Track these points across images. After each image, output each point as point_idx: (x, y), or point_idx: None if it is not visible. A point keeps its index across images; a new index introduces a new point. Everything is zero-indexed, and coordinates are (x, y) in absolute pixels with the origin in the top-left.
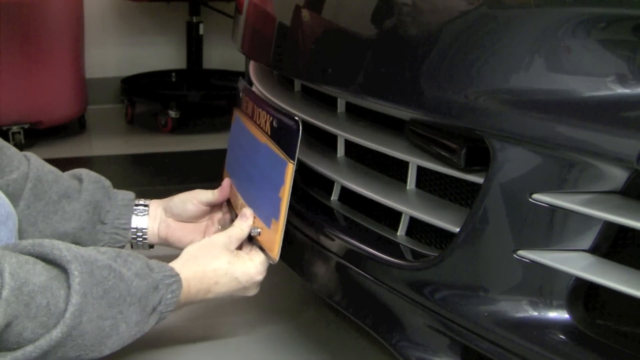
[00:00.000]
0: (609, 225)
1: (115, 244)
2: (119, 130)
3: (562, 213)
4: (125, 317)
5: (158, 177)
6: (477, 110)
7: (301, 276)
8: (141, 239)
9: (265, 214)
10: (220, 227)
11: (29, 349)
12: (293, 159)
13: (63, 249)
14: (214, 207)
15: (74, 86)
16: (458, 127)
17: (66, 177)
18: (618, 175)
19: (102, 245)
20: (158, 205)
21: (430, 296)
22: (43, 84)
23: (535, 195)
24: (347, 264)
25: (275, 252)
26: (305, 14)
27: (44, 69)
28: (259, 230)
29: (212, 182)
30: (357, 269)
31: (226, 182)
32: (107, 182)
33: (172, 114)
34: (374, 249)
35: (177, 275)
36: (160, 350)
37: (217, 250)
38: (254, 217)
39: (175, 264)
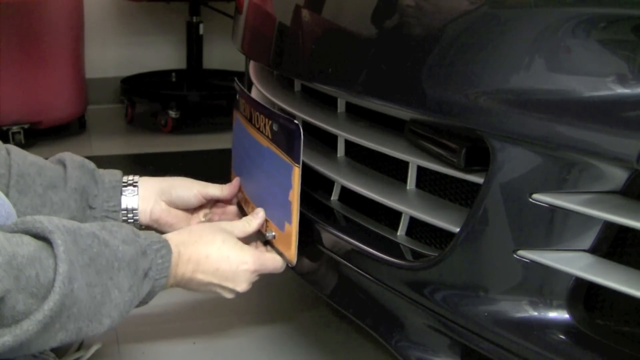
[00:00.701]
0: (609, 225)
1: None
2: (119, 130)
3: (562, 213)
4: (115, 283)
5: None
6: (477, 110)
7: (301, 277)
8: (132, 219)
9: (278, 218)
10: (204, 220)
11: (26, 324)
12: (298, 162)
13: (44, 221)
14: (214, 202)
15: (74, 86)
16: (458, 127)
17: (49, 166)
18: (618, 175)
19: None
20: (152, 185)
21: (430, 296)
22: (43, 83)
23: (535, 195)
24: (347, 264)
25: (293, 255)
26: (305, 14)
27: (44, 69)
28: (274, 233)
29: (212, 182)
30: (357, 269)
31: (236, 180)
32: (92, 165)
33: (172, 114)
34: (374, 249)
35: (165, 240)
36: (160, 350)
37: (216, 228)
38: (267, 221)
39: (167, 235)
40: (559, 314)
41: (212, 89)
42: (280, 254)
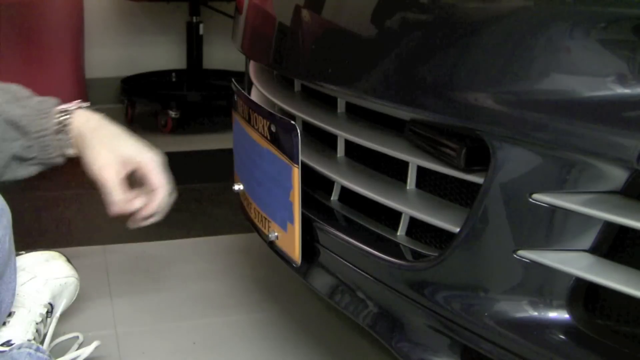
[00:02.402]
0: (609, 225)
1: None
2: None
3: (562, 213)
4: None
5: None
6: (477, 110)
7: (301, 277)
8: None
9: (281, 218)
10: None
11: None
12: (297, 163)
13: None
14: None
15: (73, 86)
16: (458, 127)
17: None
18: (618, 175)
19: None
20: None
21: (431, 296)
22: (43, 83)
23: (535, 195)
24: (347, 264)
25: (297, 255)
26: (305, 13)
27: (44, 69)
28: (277, 234)
29: (212, 182)
30: (357, 269)
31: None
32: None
33: (172, 114)
34: (374, 249)
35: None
36: (161, 350)
37: None
38: (270, 222)
39: None
40: (559, 314)
41: (212, 89)
42: (284, 254)
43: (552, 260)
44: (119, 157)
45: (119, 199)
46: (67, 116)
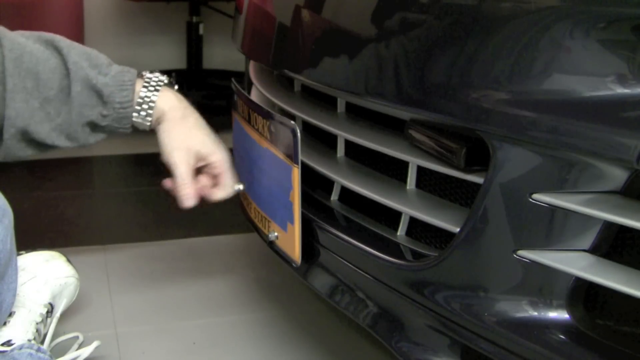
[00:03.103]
0: (609, 225)
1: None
2: None
3: (562, 213)
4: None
5: (158, 177)
6: (477, 110)
7: (301, 277)
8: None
9: (281, 218)
10: None
11: None
12: (297, 162)
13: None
14: None
15: None
16: (458, 127)
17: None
18: (618, 175)
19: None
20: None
21: (430, 296)
22: None
23: (535, 195)
24: (347, 264)
25: (297, 255)
26: (305, 13)
27: None
28: (277, 234)
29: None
30: (357, 269)
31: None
32: (100, 80)
33: None
34: (374, 249)
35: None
36: (160, 350)
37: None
38: (270, 222)
39: None
40: (559, 314)
41: (212, 89)
42: (284, 254)
43: (552, 260)
44: (194, 152)
45: (189, 192)
46: (152, 94)
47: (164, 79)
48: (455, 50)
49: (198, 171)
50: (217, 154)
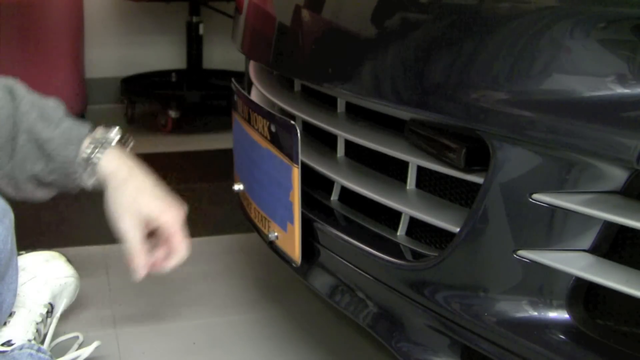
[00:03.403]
0: (609, 225)
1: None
2: None
3: (562, 213)
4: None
5: (158, 177)
6: (477, 110)
7: (301, 277)
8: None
9: (280, 218)
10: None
11: None
12: (297, 163)
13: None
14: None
15: (73, 86)
16: (458, 127)
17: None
18: (618, 175)
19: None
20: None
21: (430, 296)
22: (43, 84)
23: (535, 195)
24: (347, 264)
25: (297, 255)
26: (305, 13)
27: (44, 69)
28: (277, 234)
29: (213, 182)
30: (357, 269)
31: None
32: (46, 135)
33: (172, 114)
34: (374, 249)
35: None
36: (161, 350)
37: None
38: (270, 222)
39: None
40: (559, 314)
41: (212, 89)
42: (284, 254)
43: (552, 260)
44: (142, 217)
45: (141, 262)
46: (97, 153)
47: (115, 136)
48: (455, 50)
49: (150, 234)
50: (166, 213)
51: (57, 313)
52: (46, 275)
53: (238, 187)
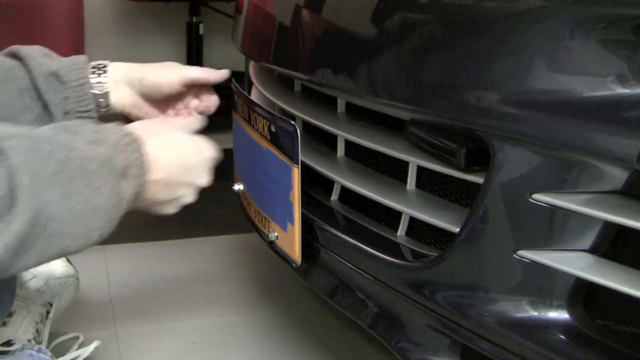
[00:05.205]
0: (609, 225)
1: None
2: None
3: (562, 213)
4: (94, 189)
5: None
6: (477, 110)
7: (301, 277)
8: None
9: (281, 218)
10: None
11: None
12: (297, 163)
13: None
14: (190, 91)
15: None
16: (458, 127)
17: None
18: (618, 175)
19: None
20: (123, 72)
21: (431, 296)
22: None
23: (535, 195)
24: (347, 264)
25: (297, 255)
26: (305, 13)
27: None
28: (277, 234)
29: (213, 182)
30: (357, 269)
31: (224, 71)
32: (53, 65)
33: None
34: (374, 249)
35: (130, 133)
36: (161, 350)
37: (173, 123)
38: (270, 222)
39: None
40: (559, 314)
41: (212, 88)
42: (284, 254)
43: (552, 260)
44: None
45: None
46: (103, 63)
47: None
48: (455, 50)
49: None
50: (192, 68)
51: (57, 313)
52: (46, 275)
53: (238, 187)
